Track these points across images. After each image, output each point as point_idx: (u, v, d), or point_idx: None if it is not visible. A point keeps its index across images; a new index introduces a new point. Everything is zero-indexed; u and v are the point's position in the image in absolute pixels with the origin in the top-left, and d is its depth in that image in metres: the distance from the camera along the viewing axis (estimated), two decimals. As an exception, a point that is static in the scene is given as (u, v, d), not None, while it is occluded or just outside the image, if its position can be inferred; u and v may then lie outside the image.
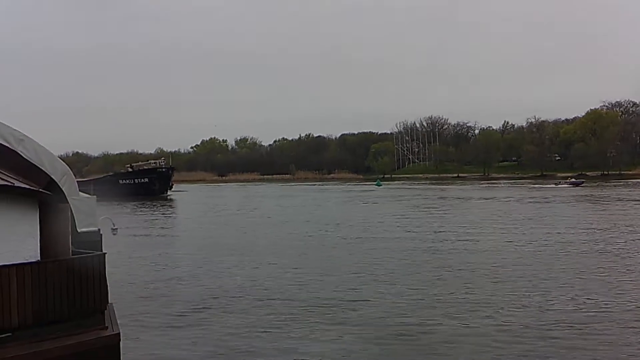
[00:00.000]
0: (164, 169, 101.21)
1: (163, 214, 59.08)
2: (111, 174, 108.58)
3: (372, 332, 14.46)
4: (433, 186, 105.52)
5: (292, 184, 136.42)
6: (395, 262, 24.79)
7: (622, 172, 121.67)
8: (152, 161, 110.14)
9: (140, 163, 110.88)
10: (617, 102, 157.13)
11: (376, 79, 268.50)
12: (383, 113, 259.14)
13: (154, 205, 69.59)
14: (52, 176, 10.58)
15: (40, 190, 10.21)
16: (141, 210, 62.50)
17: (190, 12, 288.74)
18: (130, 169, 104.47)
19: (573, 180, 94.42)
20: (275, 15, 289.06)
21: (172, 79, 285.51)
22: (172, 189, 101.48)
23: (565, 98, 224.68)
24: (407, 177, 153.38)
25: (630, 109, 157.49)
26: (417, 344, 13.61)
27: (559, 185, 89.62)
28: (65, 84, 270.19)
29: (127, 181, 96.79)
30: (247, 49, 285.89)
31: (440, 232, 35.38)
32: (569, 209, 49.68)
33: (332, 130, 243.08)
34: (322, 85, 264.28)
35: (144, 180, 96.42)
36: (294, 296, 18.73)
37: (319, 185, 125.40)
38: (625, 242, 29.54)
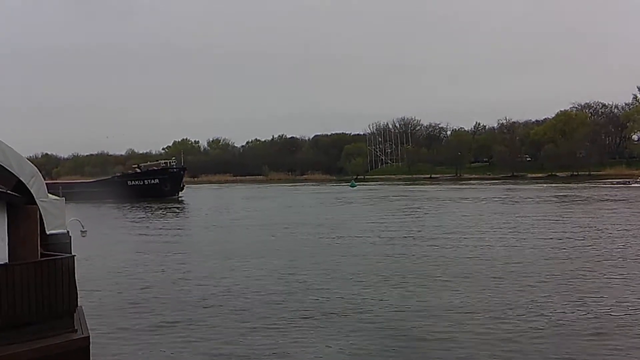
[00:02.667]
0: (175, 169, 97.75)
1: (156, 215, 57.47)
2: (119, 174, 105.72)
3: (365, 339, 14.13)
4: (410, 187, 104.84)
5: (266, 185, 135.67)
6: (389, 266, 23.83)
7: (592, 173, 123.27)
8: (162, 161, 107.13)
9: (149, 163, 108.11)
10: (586, 103, 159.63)
11: (349, 80, 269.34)
12: (356, 114, 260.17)
13: (160, 208, 67.52)
14: (20, 178, 10.44)
15: (9, 192, 10.09)
16: (143, 212, 61.37)
17: (144, 10, 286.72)
18: (138, 170, 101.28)
19: None
20: (247, 14, 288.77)
21: (143, 80, 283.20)
22: (184, 190, 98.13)
23: (536, 99, 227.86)
24: (381, 178, 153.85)
25: (600, 111, 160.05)
26: (413, 350, 13.37)
27: (633, 185, 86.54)
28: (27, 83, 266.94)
29: (137, 182, 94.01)
30: (220, 48, 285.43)
31: (452, 235, 33.24)
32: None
33: (305, 131, 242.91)
34: (295, 86, 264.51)
35: (154, 181, 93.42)
36: (283, 302, 17.99)
37: (294, 186, 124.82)
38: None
